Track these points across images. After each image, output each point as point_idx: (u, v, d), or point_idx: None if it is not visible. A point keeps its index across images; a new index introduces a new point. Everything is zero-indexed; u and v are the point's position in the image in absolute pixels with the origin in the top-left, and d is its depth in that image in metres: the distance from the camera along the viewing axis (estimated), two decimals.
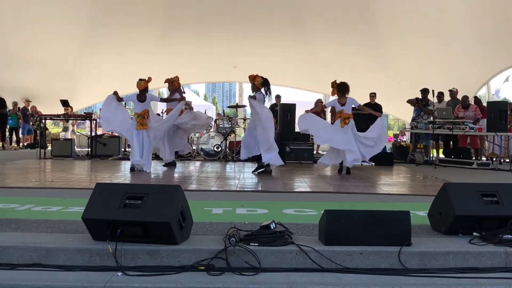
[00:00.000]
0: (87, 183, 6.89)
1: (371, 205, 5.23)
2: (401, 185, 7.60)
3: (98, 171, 8.92)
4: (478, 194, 3.75)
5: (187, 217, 3.49)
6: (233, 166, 10.04)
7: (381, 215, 3.50)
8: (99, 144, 12.02)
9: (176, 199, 3.40)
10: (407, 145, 13.29)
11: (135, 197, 3.40)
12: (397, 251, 3.28)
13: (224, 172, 9.07)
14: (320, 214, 3.59)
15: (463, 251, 3.35)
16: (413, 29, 15.75)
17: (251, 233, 3.41)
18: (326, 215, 3.40)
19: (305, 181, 7.76)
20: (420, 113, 12.11)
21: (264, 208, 4.91)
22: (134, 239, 3.30)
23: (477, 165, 10.42)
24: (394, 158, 11.63)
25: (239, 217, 4.40)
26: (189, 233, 3.53)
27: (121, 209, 3.34)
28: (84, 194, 4.90)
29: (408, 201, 5.73)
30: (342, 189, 6.81)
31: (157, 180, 7.60)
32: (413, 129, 12.20)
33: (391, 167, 10.62)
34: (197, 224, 3.82)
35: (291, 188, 6.89)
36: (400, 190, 6.83)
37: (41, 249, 3.24)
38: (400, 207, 4.28)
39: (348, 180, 7.99)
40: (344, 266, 3.23)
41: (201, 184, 7.09)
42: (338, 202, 5.44)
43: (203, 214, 4.44)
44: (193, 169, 9.49)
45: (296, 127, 13.20)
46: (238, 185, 7.06)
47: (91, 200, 3.46)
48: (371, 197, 5.93)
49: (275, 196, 5.95)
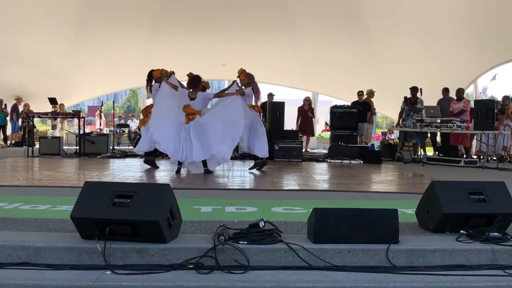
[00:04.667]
0: (76, 181, 6.85)
1: (359, 203, 5.25)
2: (389, 183, 7.64)
3: (87, 169, 8.87)
4: (465, 192, 3.79)
5: (176, 215, 3.49)
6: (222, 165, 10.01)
7: (369, 213, 3.53)
8: (87, 142, 11.95)
9: (165, 198, 3.40)
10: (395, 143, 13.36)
11: (124, 196, 3.39)
12: (385, 248, 3.31)
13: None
14: (308, 212, 3.61)
15: (450, 249, 3.39)
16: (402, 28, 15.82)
17: (240, 232, 3.42)
18: (314, 213, 3.42)
19: (294, 179, 7.77)
20: (410, 113, 12.19)
21: (253, 206, 4.92)
22: (123, 237, 3.30)
23: (464, 163, 10.51)
24: (382, 156, 11.68)
25: (228, 215, 4.41)
26: (178, 232, 3.53)
27: (110, 208, 3.33)
28: (73, 192, 4.89)
29: (396, 199, 5.76)
30: (331, 187, 6.83)
31: (146, 179, 7.58)
32: (401, 127, 12.28)
33: (379, 165, 10.67)
34: (186, 222, 3.82)
35: (280, 186, 6.89)
36: (388, 188, 6.86)
37: (30, 248, 3.23)
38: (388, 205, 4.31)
39: (337, 178, 8.02)
40: (332, 264, 3.25)
41: (190, 183, 7.08)
42: (326, 200, 5.46)
43: (192, 213, 4.44)
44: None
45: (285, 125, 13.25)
46: (227, 183, 7.06)
47: (80, 198, 3.45)
48: (359, 195, 5.95)
49: (264, 194, 5.96)
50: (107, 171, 8.46)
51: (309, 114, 15.30)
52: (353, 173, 8.75)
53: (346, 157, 11.33)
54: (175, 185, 6.38)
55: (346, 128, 12.78)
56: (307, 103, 15.47)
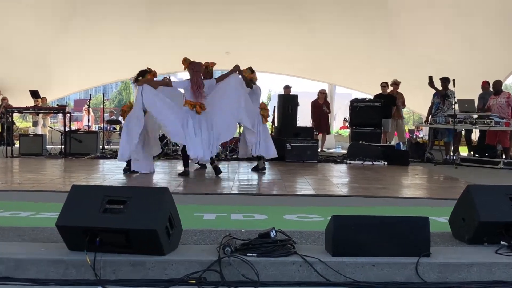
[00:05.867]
0: (61, 185, 6.88)
1: (384, 210, 5.23)
2: (418, 187, 7.62)
3: (73, 171, 8.90)
4: (506, 197, 3.77)
5: (176, 224, 3.50)
6: (227, 166, 10.03)
7: (395, 221, 3.51)
8: (73, 141, 11.99)
9: (163, 204, 3.40)
10: (423, 142, 13.32)
11: (117, 201, 3.40)
12: (414, 262, 3.29)
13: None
14: (326, 220, 3.60)
15: (488, 262, 3.36)
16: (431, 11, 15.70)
17: (249, 242, 3.42)
18: (333, 222, 3.41)
19: (308, 182, 7.77)
20: (439, 106, 12.12)
21: (262, 213, 4.93)
22: (116, 249, 3.30)
23: (503, 164, 10.45)
24: (409, 157, 11.64)
25: (235, 223, 4.42)
26: (178, 242, 3.53)
27: (101, 215, 3.34)
28: (58, 197, 4.89)
29: (426, 205, 5.75)
30: (351, 192, 6.82)
31: (141, 182, 7.60)
32: (431, 123, 12.22)
33: (406, 167, 10.65)
34: (187, 231, 3.83)
35: (293, 191, 6.90)
36: (417, 193, 6.85)
37: (10, 261, 3.23)
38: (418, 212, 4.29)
39: (357, 181, 8.01)
40: (354, 280, 3.24)
41: (191, 186, 7.09)
42: (347, 207, 5.46)
43: (194, 221, 4.45)
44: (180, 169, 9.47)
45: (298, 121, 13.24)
46: (233, 187, 7.07)
47: (66, 204, 3.46)
48: (384, 201, 5.95)
49: (275, 200, 5.97)
50: (96, 174, 8.49)
51: (325, 109, 15.26)
52: (376, 176, 8.74)
53: (368, 157, 11.31)
54: (174, 189, 6.41)
55: (367, 125, 12.75)
56: (322, 97, 15.44)
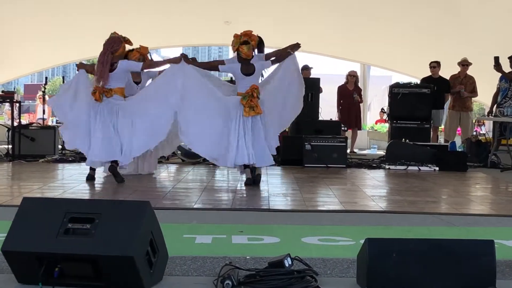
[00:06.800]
0: (8, 197, 6.85)
1: (434, 230, 5.23)
2: (479, 200, 7.60)
3: (24, 179, 8.92)
4: None
5: (159, 249, 3.50)
6: (226, 173, 10.03)
7: (450, 246, 3.51)
8: (24, 139, 12.00)
9: (143, 222, 3.40)
10: (487, 141, 13.27)
11: (82, 219, 3.40)
12: None
13: (213, 181, 9.08)
14: (358, 244, 3.60)
15: None
16: None
17: (256, 273, 3.41)
18: (368, 246, 3.41)
19: (334, 194, 7.76)
20: (508, 93, 12.05)
21: (274, 235, 4.92)
22: (80, 281, 3.31)
23: None
24: (468, 160, 11.62)
25: (237, 249, 4.41)
26: (163, 273, 3.54)
27: (61, 238, 3.34)
28: (4, 213, 4.91)
29: (490, 225, 5.73)
30: (391, 207, 6.82)
31: (114, 193, 7.61)
32: (497, 116, 12.16)
33: (464, 174, 10.62)
34: (175, 259, 3.84)
35: (313, 206, 6.89)
36: (478, 209, 6.83)
37: None
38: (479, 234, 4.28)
39: (399, 193, 7.98)
40: None
41: (179, 199, 7.11)
42: (385, 227, 5.46)
43: (183, 245, 4.46)
44: (166, 177, 9.50)
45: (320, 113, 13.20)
46: (234, 200, 7.07)
47: (15, 223, 3.46)
48: (435, 219, 5.93)
49: (290, 218, 5.97)
50: (54, 182, 8.50)
51: (356, 97, 15.21)
52: (424, 186, 8.73)
53: (413, 161, 11.29)
54: (157, 202, 6.39)
55: (412, 118, 12.74)
56: (353, 81, 15.38)
